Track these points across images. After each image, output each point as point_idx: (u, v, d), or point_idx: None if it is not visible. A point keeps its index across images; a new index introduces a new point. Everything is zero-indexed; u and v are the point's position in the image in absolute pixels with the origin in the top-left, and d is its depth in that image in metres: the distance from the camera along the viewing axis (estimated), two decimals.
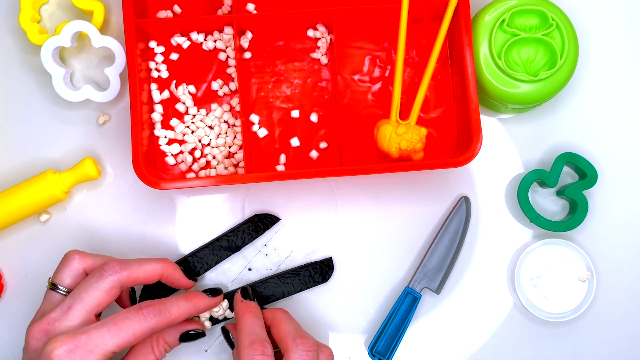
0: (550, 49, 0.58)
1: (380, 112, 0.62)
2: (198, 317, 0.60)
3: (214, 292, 0.56)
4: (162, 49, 0.61)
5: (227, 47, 0.62)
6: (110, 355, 0.48)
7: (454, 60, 0.61)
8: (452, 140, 0.62)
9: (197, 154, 0.61)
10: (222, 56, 0.62)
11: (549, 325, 0.62)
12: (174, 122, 0.61)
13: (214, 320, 0.60)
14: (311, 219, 0.62)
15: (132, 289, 0.58)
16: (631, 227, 0.63)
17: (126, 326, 0.49)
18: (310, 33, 0.62)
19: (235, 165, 0.61)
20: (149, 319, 0.50)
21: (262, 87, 0.62)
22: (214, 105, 0.62)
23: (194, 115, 0.61)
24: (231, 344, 0.57)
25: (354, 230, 0.62)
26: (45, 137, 0.62)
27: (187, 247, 0.62)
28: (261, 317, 0.54)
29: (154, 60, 0.61)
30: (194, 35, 0.61)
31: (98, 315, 0.52)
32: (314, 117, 0.61)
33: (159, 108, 0.61)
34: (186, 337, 0.55)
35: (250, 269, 0.62)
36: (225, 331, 0.58)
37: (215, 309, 0.59)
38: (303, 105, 0.62)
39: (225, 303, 0.59)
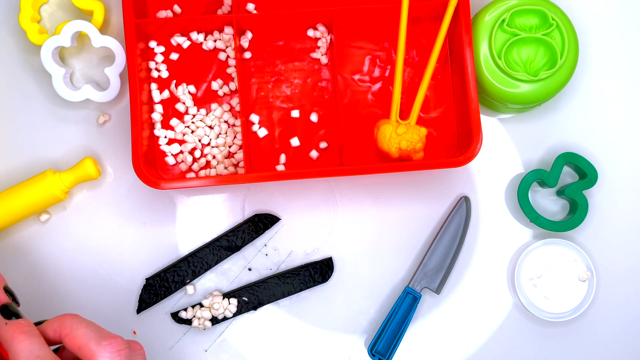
0: (550, 49, 0.58)
1: (380, 112, 0.62)
2: (197, 317, 0.60)
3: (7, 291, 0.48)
4: (162, 48, 0.61)
5: (227, 47, 0.62)
6: None
7: (454, 60, 0.61)
8: (452, 140, 0.62)
9: (197, 153, 0.61)
10: (222, 56, 0.62)
11: (549, 325, 0.62)
12: (174, 122, 0.61)
13: (214, 320, 0.60)
14: (311, 219, 0.62)
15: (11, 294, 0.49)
16: (631, 227, 0.63)
17: None
18: (310, 33, 0.62)
19: (235, 165, 0.61)
20: None
21: (262, 87, 0.62)
22: (214, 105, 0.62)
23: (194, 115, 0.61)
24: None
25: (354, 230, 0.62)
26: (45, 137, 0.62)
27: (187, 247, 0.62)
28: (38, 334, 0.45)
29: (154, 60, 0.61)
30: (194, 35, 0.61)
31: None
32: (314, 117, 0.61)
33: (159, 108, 0.61)
34: (5, 311, 0.46)
35: (250, 269, 0.62)
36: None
37: (216, 307, 0.59)
38: (303, 105, 0.62)
39: (225, 302, 0.60)
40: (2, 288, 0.48)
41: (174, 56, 0.62)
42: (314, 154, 0.61)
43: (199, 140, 0.61)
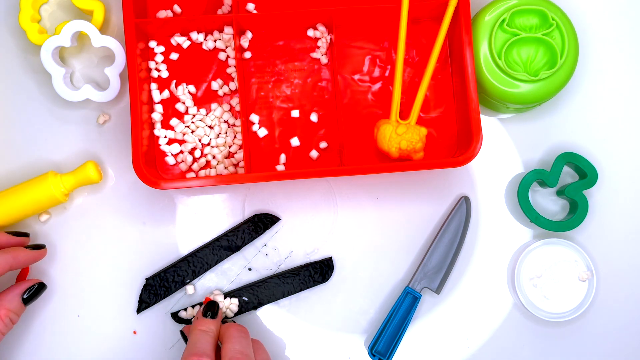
0: (550, 49, 0.58)
1: (380, 112, 0.62)
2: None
3: (36, 246, 0.55)
4: (162, 48, 0.61)
5: (227, 47, 0.62)
6: None
7: (454, 60, 0.61)
8: (452, 140, 0.62)
9: (197, 153, 0.61)
10: (222, 56, 0.62)
11: (549, 325, 0.62)
12: (174, 121, 0.61)
13: None
14: (311, 219, 0.62)
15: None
16: (631, 227, 0.63)
17: None
18: (310, 33, 0.62)
19: (235, 165, 0.61)
20: None
21: (262, 87, 0.62)
22: (214, 105, 0.62)
23: (194, 115, 0.61)
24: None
25: (354, 230, 0.62)
26: (45, 136, 0.62)
27: (187, 247, 0.62)
28: (211, 333, 0.53)
29: (154, 60, 0.61)
30: (194, 35, 0.61)
31: None
32: (314, 117, 0.61)
33: (159, 108, 0.61)
34: (29, 298, 0.54)
35: (250, 269, 0.62)
36: (182, 334, 0.58)
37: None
38: (303, 105, 0.62)
39: (226, 302, 0.60)
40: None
41: (174, 56, 0.62)
42: (314, 154, 0.61)
43: (199, 140, 0.61)
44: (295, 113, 0.61)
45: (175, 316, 0.60)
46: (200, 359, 0.50)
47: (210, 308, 0.56)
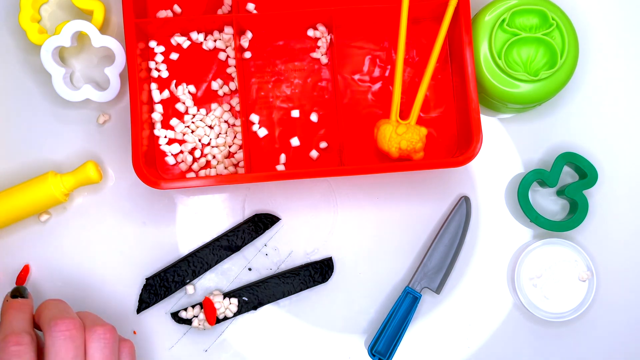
0: (550, 49, 0.58)
1: (380, 111, 0.62)
2: (197, 317, 0.60)
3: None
4: (162, 48, 0.61)
5: (227, 47, 0.62)
6: None
7: (454, 60, 0.61)
8: (452, 140, 0.62)
9: (197, 153, 0.61)
10: (222, 56, 0.62)
11: (549, 325, 0.62)
12: (174, 121, 0.61)
13: (216, 319, 0.60)
14: (311, 219, 0.62)
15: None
16: (631, 227, 0.63)
17: None
18: (310, 33, 0.62)
19: (235, 165, 0.61)
20: None
21: (262, 87, 0.62)
22: (214, 105, 0.62)
23: (194, 115, 0.61)
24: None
25: (354, 230, 0.62)
26: (45, 136, 0.62)
27: (187, 247, 0.62)
28: (26, 311, 0.51)
29: (154, 60, 0.61)
30: (194, 35, 0.61)
31: None
32: (314, 117, 0.61)
33: (159, 108, 0.61)
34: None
35: (250, 269, 0.62)
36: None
37: (216, 307, 0.59)
38: (303, 105, 0.62)
39: (226, 302, 0.60)
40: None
41: (174, 56, 0.62)
42: (314, 154, 0.61)
43: (199, 140, 0.61)
44: (295, 113, 0.61)
45: (175, 316, 0.60)
46: (19, 335, 0.47)
47: (17, 291, 0.53)
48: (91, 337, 0.49)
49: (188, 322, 0.60)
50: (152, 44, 0.61)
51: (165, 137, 0.61)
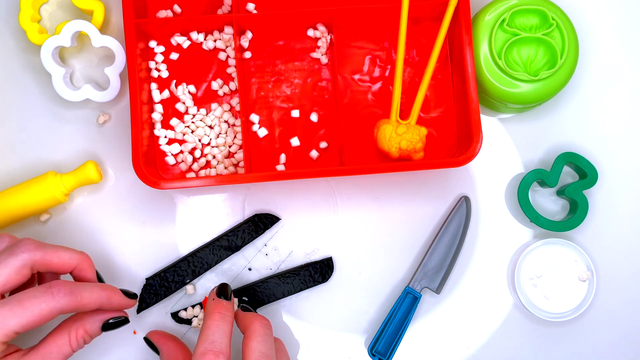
0: (550, 49, 0.58)
1: (380, 111, 0.62)
2: (197, 317, 0.60)
3: (129, 294, 0.52)
4: (162, 48, 0.61)
5: (227, 47, 0.62)
6: (12, 335, 0.45)
7: (454, 60, 0.61)
8: (452, 140, 0.62)
9: (197, 153, 0.61)
10: (222, 56, 0.62)
11: (549, 325, 0.62)
12: (174, 121, 0.61)
13: None
14: (311, 219, 0.62)
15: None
16: (631, 227, 0.63)
17: (31, 305, 0.45)
18: (310, 33, 0.62)
19: (235, 165, 0.61)
20: (57, 298, 0.46)
21: (262, 87, 0.62)
22: (214, 105, 0.62)
23: (194, 115, 0.61)
24: (155, 350, 0.56)
25: (354, 230, 0.62)
26: (45, 136, 0.62)
27: (187, 247, 0.62)
28: (229, 321, 0.50)
29: (154, 60, 0.61)
30: (194, 35, 0.61)
31: (3, 296, 0.48)
32: (314, 117, 0.61)
33: (159, 108, 0.61)
34: (109, 326, 0.51)
35: (250, 269, 0.62)
36: (147, 340, 0.56)
37: None
38: (303, 105, 0.62)
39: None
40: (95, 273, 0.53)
41: (174, 56, 0.62)
42: (314, 154, 0.61)
43: (199, 140, 0.61)
44: (295, 113, 0.61)
45: (175, 316, 0.60)
46: (217, 357, 0.47)
47: (222, 290, 0.52)
48: None
49: (188, 322, 0.60)
50: (152, 44, 0.61)
51: (165, 137, 0.61)
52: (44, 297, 0.46)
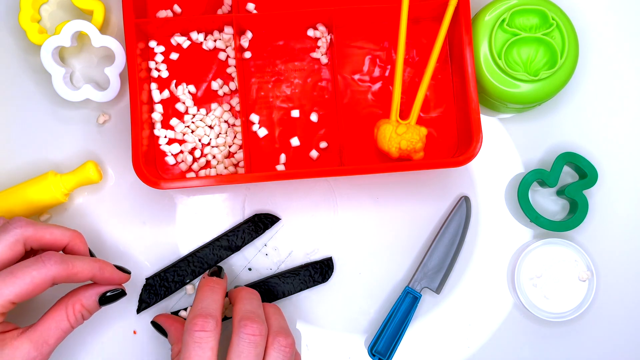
0: (550, 49, 0.58)
1: (380, 111, 0.62)
2: None
3: (122, 269, 0.54)
4: (162, 48, 0.61)
5: (227, 47, 0.62)
6: (9, 306, 0.47)
7: (454, 59, 0.61)
8: (452, 140, 0.62)
9: (197, 153, 0.61)
10: (222, 56, 0.62)
11: (549, 325, 0.62)
12: (174, 121, 0.61)
13: None
14: (311, 219, 0.62)
15: None
16: (631, 227, 0.63)
17: (23, 274, 0.47)
18: (310, 33, 0.62)
19: (235, 165, 0.61)
20: (48, 266, 0.47)
21: (262, 87, 0.62)
22: (214, 105, 0.62)
23: (194, 115, 0.61)
24: (163, 333, 0.57)
25: (354, 230, 0.62)
26: (45, 136, 0.62)
27: (187, 247, 0.62)
28: (219, 292, 0.52)
29: (154, 60, 0.61)
30: (194, 35, 0.61)
31: None
32: (314, 117, 0.61)
33: (159, 108, 0.61)
34: (106, 299, 0.52)
35: (250, 269, 0.62)
36: (154, 324, 0.58)
37: None
38: (303, 105, 0.62)
39: (227, 302, 0.59)
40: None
41: (174, 56, 0.62)
42: (314, 153, 0.61)
43: (199, 140, 0.61)
44: (295, 113, 0.61)
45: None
46: (205, 320, 0.49)
47: (214, 270, 0.55)
48: (272, 344, 0.51)
49: None
50: (152, 44, 0.61)
51: (165, 137, 0.61)
52: (35, 266, 0.47)
